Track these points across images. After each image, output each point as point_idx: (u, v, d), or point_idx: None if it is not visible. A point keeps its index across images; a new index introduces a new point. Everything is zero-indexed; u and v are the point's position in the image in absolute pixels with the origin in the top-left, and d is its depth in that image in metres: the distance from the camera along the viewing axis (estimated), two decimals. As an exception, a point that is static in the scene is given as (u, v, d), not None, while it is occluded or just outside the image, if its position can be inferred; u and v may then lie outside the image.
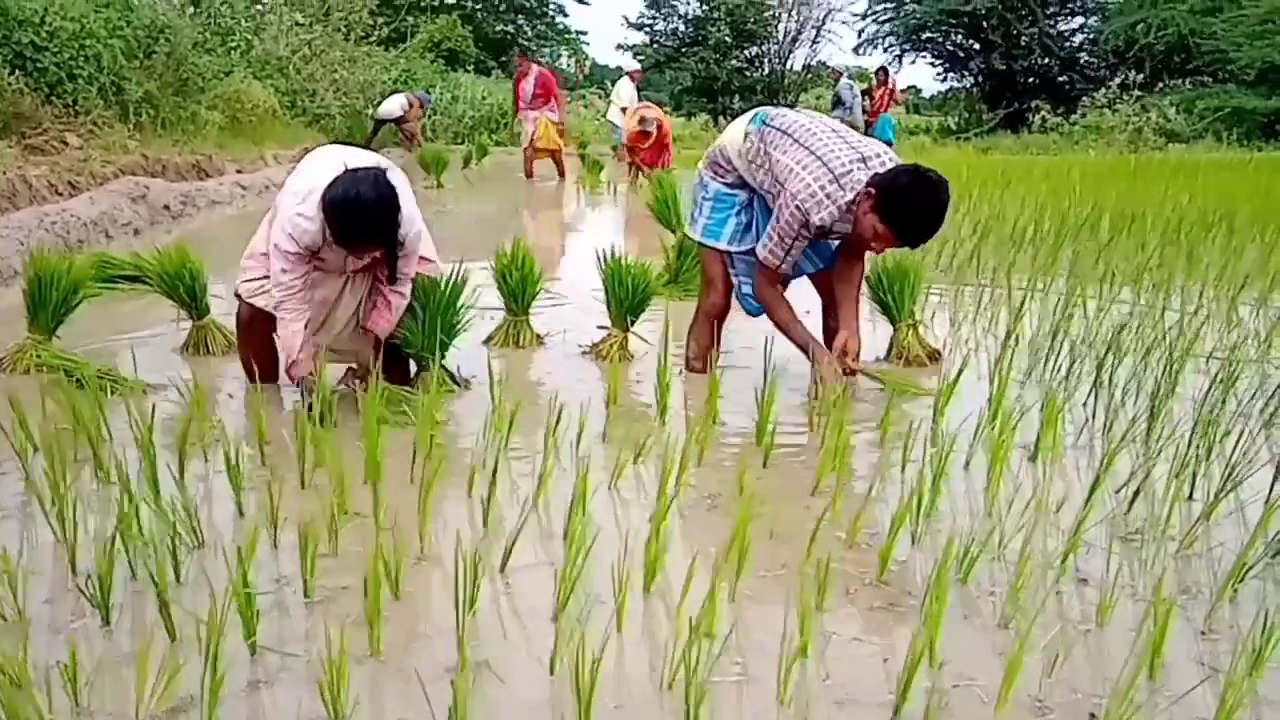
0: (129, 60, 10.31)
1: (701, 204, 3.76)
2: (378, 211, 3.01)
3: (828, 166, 3.29)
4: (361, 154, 3.35)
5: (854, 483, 2.62)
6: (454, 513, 2.49)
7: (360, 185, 3.00)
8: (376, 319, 3.37)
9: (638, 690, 1.74)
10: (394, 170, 3.16)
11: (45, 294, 3.67)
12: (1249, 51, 24.82)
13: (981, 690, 1.74)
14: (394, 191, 3.04)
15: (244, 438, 2.92)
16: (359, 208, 2.99)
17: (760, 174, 3.51)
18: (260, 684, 1.74)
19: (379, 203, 3.00)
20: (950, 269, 5.84)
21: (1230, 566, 2.12)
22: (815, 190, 3.27)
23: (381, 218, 3.03)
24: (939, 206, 3.17)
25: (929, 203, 3.15)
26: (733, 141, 3.62)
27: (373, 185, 3.00)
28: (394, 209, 3.04)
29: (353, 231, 3.03)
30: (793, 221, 3.32)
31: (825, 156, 3.31)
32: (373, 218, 3.02)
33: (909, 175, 3.18)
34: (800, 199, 3.28)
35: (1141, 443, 2.95)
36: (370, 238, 3.08)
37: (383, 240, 3.11)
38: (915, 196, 3.15)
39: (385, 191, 3.01)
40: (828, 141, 3.37)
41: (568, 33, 40.07)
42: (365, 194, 2.98)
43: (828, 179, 3.27)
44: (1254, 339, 4.22)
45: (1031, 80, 32.82)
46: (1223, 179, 10.86)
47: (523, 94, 13.36)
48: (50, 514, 2.22)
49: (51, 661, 1.75)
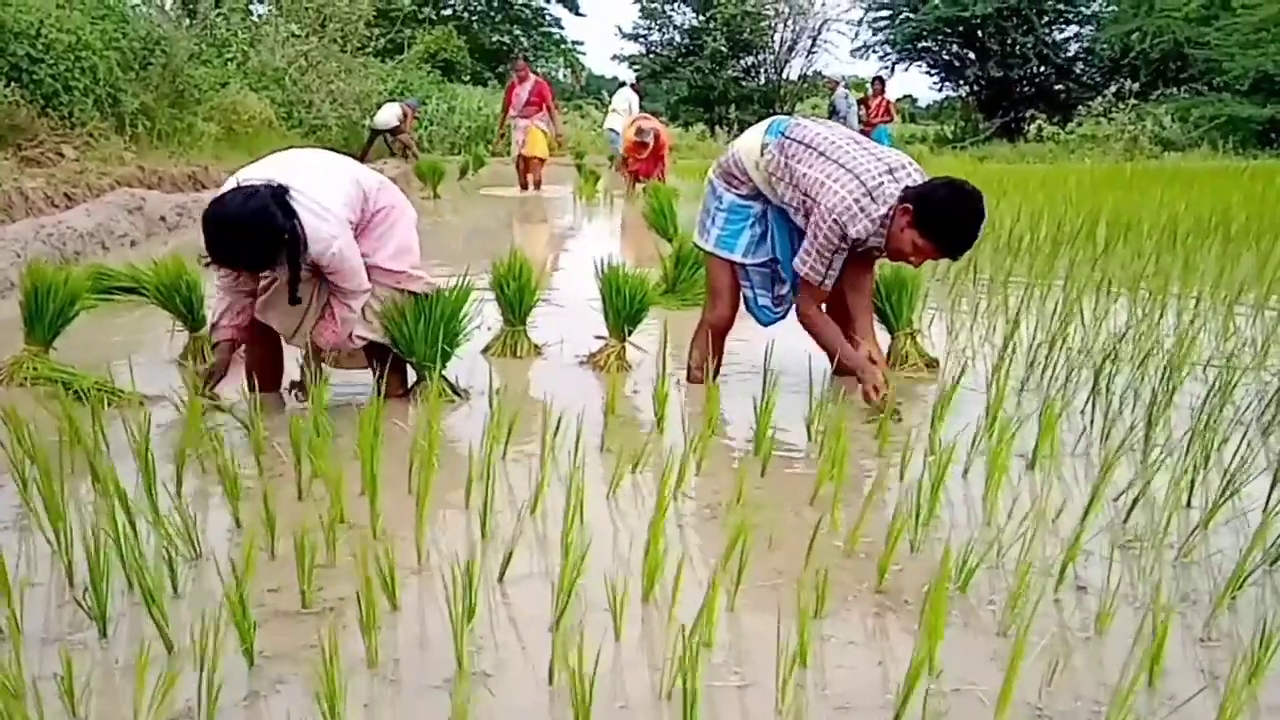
0: (125, 72, 10.33)
1: (715, 214, 3.71)
2: (236, 232, 2.97)
3: (859, 179, 3.29)
4: (303, 160, 3.31)
5: (852, 491, 2.61)
6: (451, 523, 2.48)
7: (230, 204, 2.97)
8: (321, 329, 3.33)
9: (636, 700, 1.74)
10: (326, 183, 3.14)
11: (42, 306, 3.66)
12: (1243, 60, 24.91)
13: (981, 698, 1.74)
14: (262, 215, 2.95)
15: (241, 448, 2.91)
16: (219, 227, 2.96)
17: (782, 187, 3.48)
18: (258, 695, 1.73)
19: (238, 224, 2.95)
20: (947, 277, 5.85)
21: (1229, 574, 2.12)
22: (850, 204, 3.27)
23: (239, 239, 2.98)
24: (978, 217, 3.22)
25: (968, 214, 3.21)
26: (748, 153, 3.59)
27: (241, 205, 2.96)
28: (254, 233, 2.96)
29: (216, 249, 3.01)
30: (832, 236, 3.32)
31: (855, 169, 3.32)
32: (232, 238, 2.98)
33: (945, 189, 3.23)
34: (836, 213, 3.28)
35: (1140, 451, 2.95)
36: (232, 258, 3.05)
37: (249, 262, 3.07)
38: (954, 210, 3.20)
39: (249, 214, 2.95)
40: (853, 153, 3.37)
41: (564, 43, 40.18)
42: (228, 214, 2.96)
43: (861, 192, 3.28)
44: (1251, 346, 4.22)
45: (1027, 89, 32.93)
46: (1218, 187, 10.89)
47: (515, 99, 13.10)
48: (47, 526, 2.21)
49: (48, 673, 1.74)
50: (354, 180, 3.28)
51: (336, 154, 3.51)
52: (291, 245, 3.04)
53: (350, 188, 3.23)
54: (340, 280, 3.22)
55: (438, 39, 27.23)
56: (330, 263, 3.14)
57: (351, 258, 3.19)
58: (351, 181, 3.26)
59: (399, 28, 24.90)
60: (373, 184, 3.34)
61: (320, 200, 3.10)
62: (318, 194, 3.11)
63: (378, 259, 3.32)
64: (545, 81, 13.61)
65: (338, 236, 3.11)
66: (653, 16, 37.27)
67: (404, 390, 3.54)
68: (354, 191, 3.24)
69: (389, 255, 3.35)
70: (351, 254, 3.19)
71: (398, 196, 3.46)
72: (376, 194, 3.33)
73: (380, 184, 3.39)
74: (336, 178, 3.25)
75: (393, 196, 3.42)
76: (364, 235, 3.30)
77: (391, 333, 3.42)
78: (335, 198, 3.16)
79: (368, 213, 3.30)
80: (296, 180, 3.11)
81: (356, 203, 3.24)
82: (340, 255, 3.14)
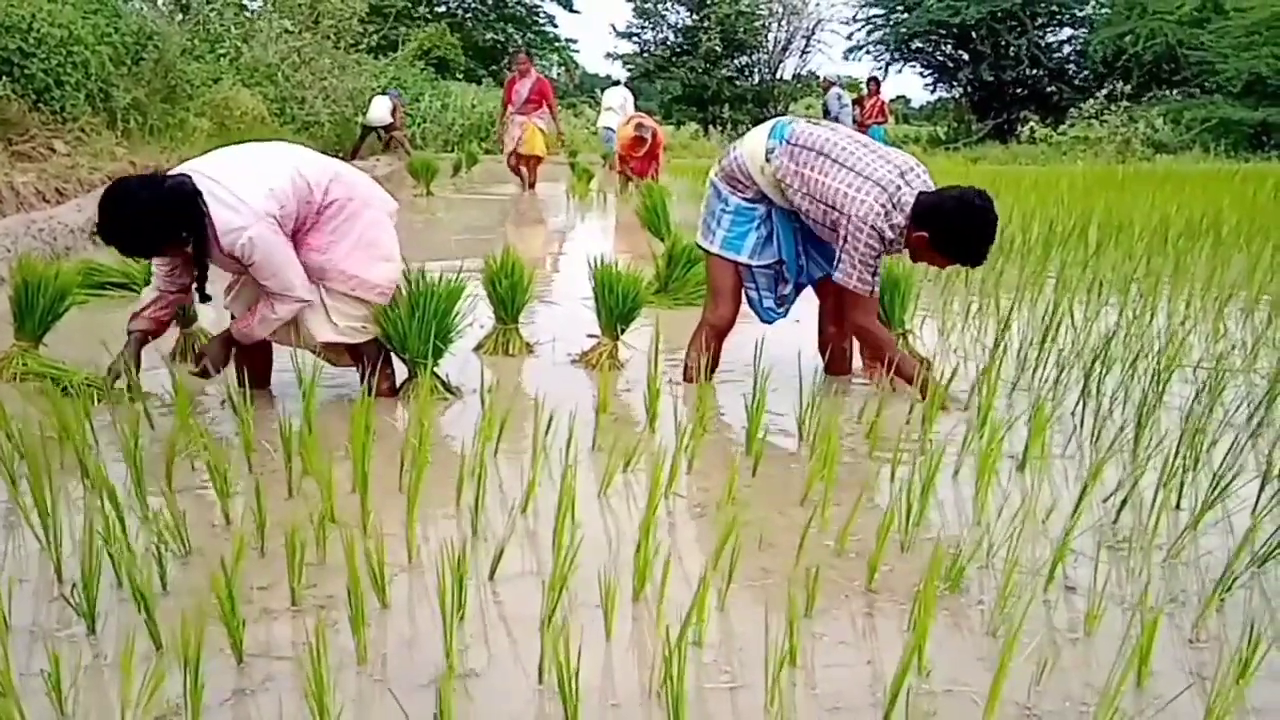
0: (117, 67, 10.29)
1: (720, 216, 3.71)
2: (122, 215, 2.97)
3: (882, 187, 3.35)
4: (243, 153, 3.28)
5: (843, 491, 2.61)
6: (442, 521, 2.48)
7: (123, 188, 2.99)
8: (242, 319, 3.31)
9: (626, 698, 1.74)
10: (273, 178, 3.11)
11: (32, 301, 3.65)
12: (1236, 63, 25.00)
13: (970, 698, 1.74)
14: (150, 203, 2.95)
15: (231, 445, 2.91)
16: (108, 208, 2.97)
17: (797, 197, 3.50)
18: (246, 692, 1.73)
19: (124, 208, 2.96)
20: (939, 278, 5.85)
21: (1217, 575, 2.13)
22: (879, 210, 3.34)
23: (124, 222, 2.98)
24: (990, 228, 3.33)
25: (981, 230, 3.31)
26: (752, 157, 3.59)
27: (135, 190, 2.97)
28: (139, 218, 2.96)
29: (102, 229, 3.03)
30: (872, 243, 3.37)
31: (874, 176, 3.37)
32: (117, 220, 2.99)
33: (953, 206, 3.30)
34: (870, 220, 3.33)
35: (1129, 452, 2.96)
36: (117, 240, 3.05)
37: (132, 245, 3.09)
38: (967, 230, 3.31)
39: (137, 201, 2.95)
40: (867, 159, 3.42)
41: (557, 41, 40.15)
42: (117, 197, 2.97)
43: (885, 198, 3.35)
44: (1240, 349, 4.23)
45: (1020, 91, 33.01)
46: (1209, 189, 10.92)
47: (515, 96, 12.81)
48: (36, 522, 2.21)
49: (35, 670, 1.73)
50: (294, 173, 3.17)
51: (295, 148, 3.42)
52: (196, 241, 3.04)
53: (283, 181, 3.14)
54: (259, 275, 3.14)
55: (431, 36, 27.17)
56: (243, 254, 3.06)
57: (269, 252, 3.09)
58: (289, 175, 3.16)
59: (392, 24, 24.88)
60: (322, 176, 3.24)
61: (236, 192, 3.04)
62: (236, 185, 3.05)
63: (332, 254, 3.24)
64: (546, 80, 13.44)
65: (248, 228, 3.03)
66: (647, 15, 37.24)
67: (392, 387, 3.53)
68: (286, 185, 3.13)
69: (344, 252, 3.26)
70: (268, 248, 3.08)
71: (359, 190, 3.36)
72: (327, 185, 3.23)
73: (334, 176, 3.28)
74: (268, 170, 3.16)
75: (349, 189, 3.31)
76: (315, 230, 3.23)
77: (384, 328, 3.40)
78: (256, 190, 3.07)
79: (314, 205, 3.20)
80: (220, 172, 3.08)
81: (290, 196, 3.13)
82: (251, 247, 3.04)
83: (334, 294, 3.30)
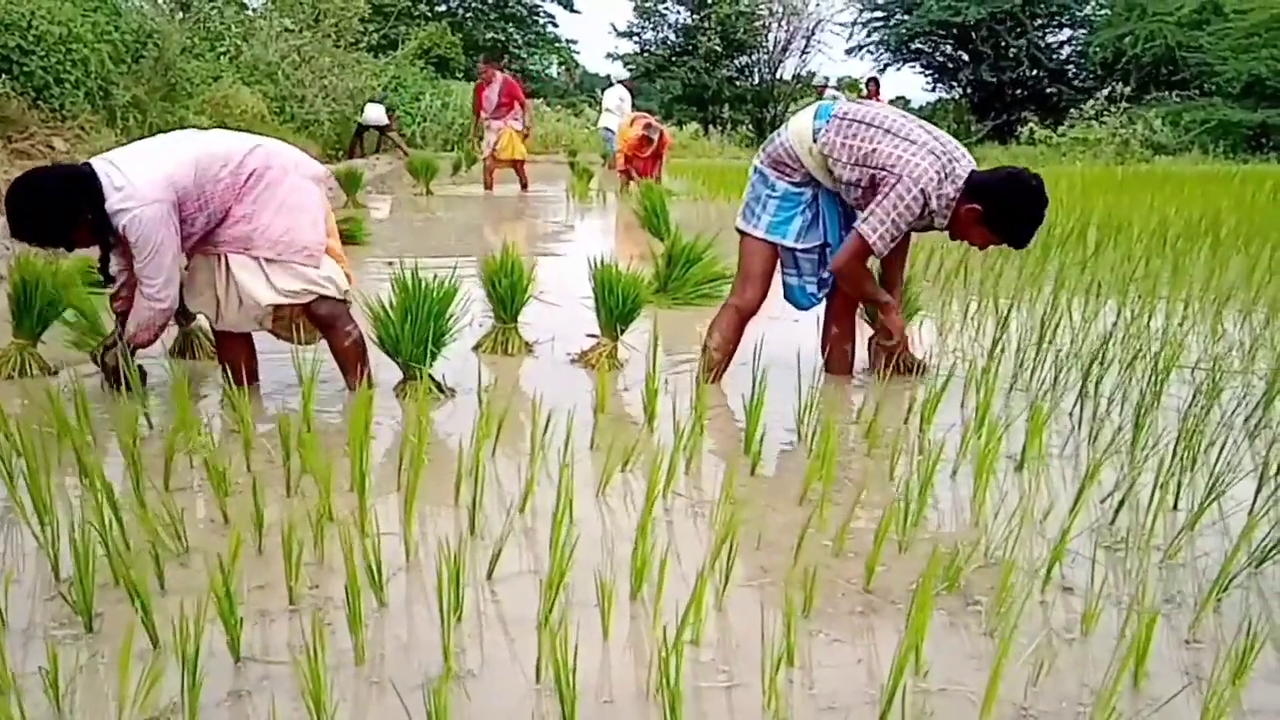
0: (116, 65, 10.29)
1: (766, 201, 3.74)
2: (24, 209, 3.11)
3: (936, 155, 3.43)
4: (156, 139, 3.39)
5: (841, 491, 2.62)
6: (440, 520, 2.48)
7: (22, 183, 3.11)
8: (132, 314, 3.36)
9: (623, 698, 1.74)
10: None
11: (30, 299, 3.66)
12: (1235, 65, 25.03)
13: (967, 697, 1.74)
14: (45, 194, 3.08)
15: (229, 443, 2.91)
16: (11, 203, 3.09)
17: (841, 169, 3.54)
18: (243, 692, 1.73)
19: (25, 202, 3.09)
20: (938, 278, 5.86)
21: (1214, 576, 2.13)
22: (933, 175, 3.40)
23: (27, 214, 3.12)
24: (1042, 208, 3.40)
25: (1034, 210, 3.39)
26: (800, 139, 3.63)
27: (34, 183, 3.11)
28: (39, 209, 3.09)
29: (12, 225, 3.15)
30: (914, 205, 3.42)
31: (927, 145, 3.46)
32: (21, 214, 3.12)
33: (1009, 185, 3.39)
34: (922, 184, 3.39)
35: (1126, 452, 2.96)
36: (25, 233, 3.17)
37: (40, 237, 3.18)
38: (1021, 208, 3.39)
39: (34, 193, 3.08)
40: (917, 131, 3.51)
41: (558, 41, 40.15)
42: (18, 191, 3.10)
43: (938, 167, 3.42)
44: (1238, 350, 4.24)
45: (1020, 92, 33.06)
46: (1208, 191, 10.92)
47: (486, 102, 12.86)
48: (33, 519, 2.21)
49: (32, 668, 1.73)
50: (196, 159, 3.25)
51: (207, 134, 3.47)
52: (97, 223, 3.15)
53: (183, 168, 3.21)
54: (136, 256, 3.21)
55: (431, 35, 27.17)
56: (128, 235, 3.16)
57: (148, 235, 3.15)
58: (191, 161, 3.24)
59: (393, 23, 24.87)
60: (235, 151, 3.33)
61: (128, 175, 3.14)
62: (130, 169, 3.16)
63: (256, 222, 3.31)
64: (513, 79, 13.34)
65: (130, 209, 3.12)
66: (647, 15, 37.27)
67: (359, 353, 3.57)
68: (187, 171, 3.21)
69: (268, 219, 3.33)
70: (148, 231, 3.14)
71: (279, 159, 3.42)
72: (242, 159, 3.31)
73: (253, 147, 3.37)
74: (169, 158, 3.24)
75: (267, 158, 3.38)
76: (239, 201, 3.31)
77: (377, 331, 3.42)
78: (149, 172, 3.17)
79: (231, 181, 3.28)
80: (120, 159, 3.20)
81: (190, 177, 3.21)
82: (133, 227, 3.13)
83: (267, 261, 3.36)
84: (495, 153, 12.91)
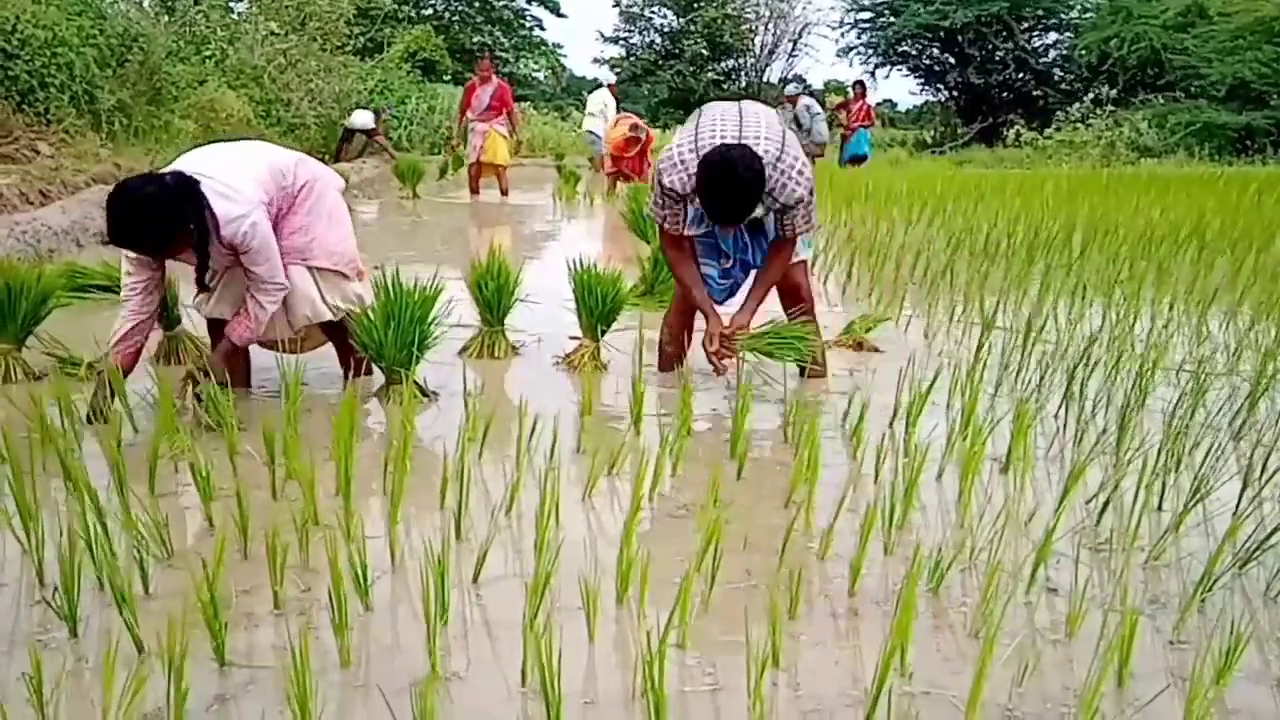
0: (102, 69, 10.26)
1: None
2: (132, 214, 3.00)
3: (696, 137, 3.49)
4: (218, 150, 3.35)
5: (826, 493, 2.62)
6: (426, 523, 2.48)
7: (129, 188, 3.03)
8: (234, 325, 3.32)
9: (608, 701, 1.74)
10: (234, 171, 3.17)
11: (14, 303, 3.64)
12: (1220, 67, 25.15)
13: (951, 699, 1.75)
14: (157, 199, 2.99)
15: (214, 448, 2.90)
16: (117, 208, 3.00)
17: None
18: (228, 697, 1.72)
19: (133, 207, 3.00)
20: (924, 281, 5.88)
21: (1198, 577, 2.14)
22: (673, 155, 3.52)
23: (134, 220, 3.01)
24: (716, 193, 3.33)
25: (708, 192, 3.35)
26: None
27: (139, 188, 3.01)
28: (148, 215, 3.00)
29: (114, 230, 3.05)
30: (659, 187, 3.56)
31: (702, 130, 3.52)
32: (127, 219, 3.01)
33: (699, 168, 3.37)
34: (660, 161, 3.55)
35: (1111, 454, 2.97)
36: (129, 239, 3.07)
37: (143, 243, 3.09)
38: (705, 176, 3.35)
39: (145, 197, 2.99)
40: (718, 124, 3.54)
41: (544, 45, 40.12)
42: (126, 196, 3.00)
43: (688, 147, 3.48)
44: (1223, 351, 4.26)
45: (1006, 95, 33.16)
46: (1193, 193, 10.97)
47: (476, 102, 12.62)
48: (18, 525, 2.20)
49: (16, 674, 1.73)
50: (268, 163, 3.32)
51: (260, 143, 3.55)
52: (199, 232, 3.08)
53: (262, 172, 3.27)
54: (252, 263, 3.20)
55: (418, 39, 27.14)
56: (244, 242, 3.14)
57: (266, 238, 3.19)
58: (265, 165, 3.31)
59: (379, 26, 24.83)
60: (289, 162, 3.39)
61: (228, 182, 3.14)
62: (227, 177, 3.15)
63: (313, 233, 3.38)
64: (507, 85, 13.26)
65: (247, 215, 3.13)
66: (633, 20, 37.33)
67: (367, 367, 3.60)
68: (265, 175, 3.27)
69: (322, 229, 3.40)
70: (265, 234, 3.19)
71: (319, 171, 3.51)
72: (295, 170, 3.38)
73: (298, 160, 3.45)
74: (248, 161, 3.30)
75: (312, 172, 3.46)
76: (293, 212, 3.36)
77: (360, 337, 3.42)
78: (245, 178, 3.20)
79: (291, 190, 3.35)
80: (208, 168, 3.16)
81: (271, 182, 3.27)
82: (251, 234, 3.14)
83: (320, 271, 3.41)
84: (480, 157, 12.79)
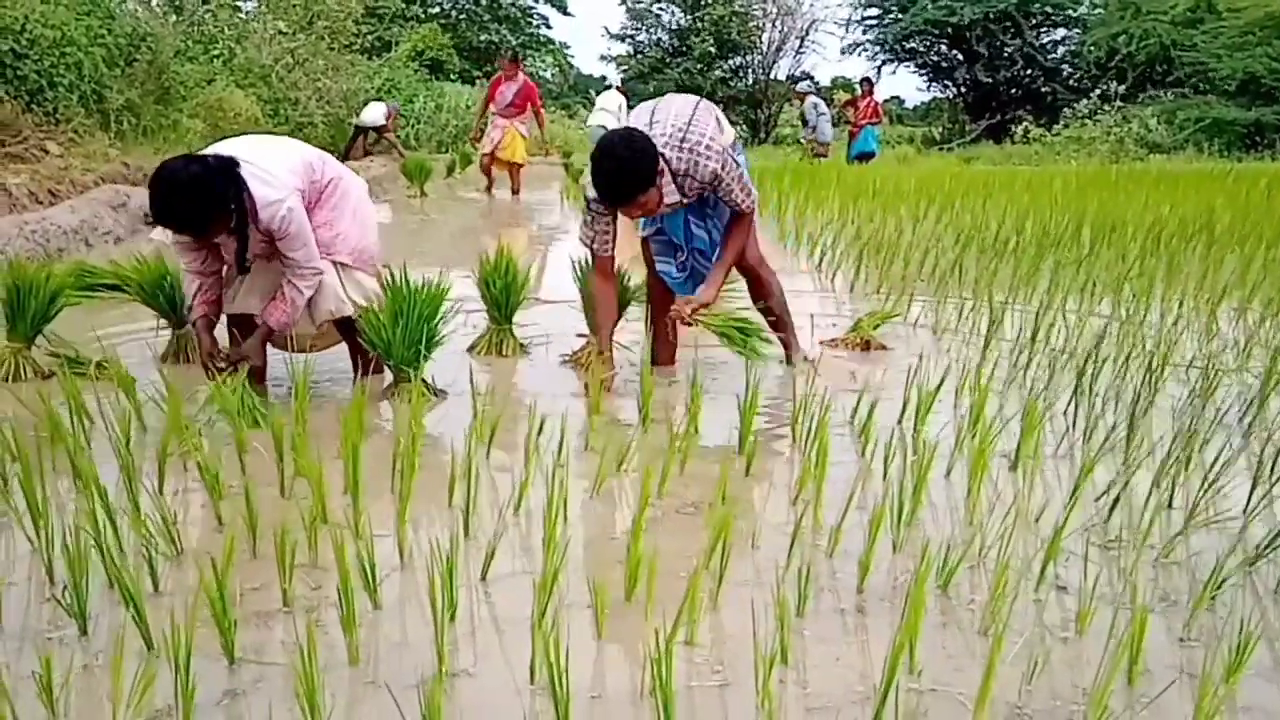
0: (110, 68, 10.28)
1: None
2: (175, 193, 3.02)
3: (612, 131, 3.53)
4: (252, 139, 3.39)
5: (835, 491, 2.62)
6: (434, 521, 2.48)
7: (172, 168, 3.05)
8: (271, 310, 3.35)
9: (617, 698, 1.74)
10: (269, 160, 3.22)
11: (24, 302, 3.65)
12: (1229, 63, 25.04)
13: (959, 697, 1.74)
14: (200, 180, 3.02)
15: (224, 446, 2.90)
16: (161, 187, 3.03)
17: None
18: (238, 694, 1.73)
19: (176, 186, 3.02)
20: (932, 278, 5.86)
21: (1208, 575, 2.13)
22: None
23: (177, 200, 3.03)
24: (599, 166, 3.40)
25: (593, 164, 3.42)
26: None
27: (182, 169, 3.04)
28: (191, 195, 3.02)
29: (157, 209, 3.07)
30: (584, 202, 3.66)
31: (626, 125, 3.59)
32: (170, 198, 3.03)
33: (601, 140, 3.45)
34: (584, 178, 3.63)
35: (1121, 451, 2.96)
36: (172, 218, 3.09)
37: (186, 223, 3.11)
38: (592, 161, 3.43)
39: (188, 177, 3.02)
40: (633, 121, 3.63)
41: (551, 43, 40.12)
42: (168, 176, 3.03)
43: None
44: (1233, 348, 4.24)
45: (1014, 91, 33.08)
46: (1203, 189, 10.93)
47: (499, 97, 12.43)
48: (27, 523, 2.20)
49: (27, 671, 1.73)
50: (300, 155, 3.39)
51: (284, 137, 3.61)
52: (239, 214, 3.12)
53: (296, 162, 3.33)
54: (289, 248, 3.25)
55: (425, 37, 27.17)
56: (281, 227, 3.19)
57: (303, 223, 3.25)
58: (298, 155, 3.38)
59: (386, 25, 24.85)
60: (317, 157, 3.44)
61: (268, 168, 3.18)
62: (265, 163, 3.20)
63: (338, 229, 3.43)
64: (534, 85, 13.18)
65: (285, 200, 3.18)
66: (640, 17, 37.28)
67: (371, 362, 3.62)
68: (299, 165, 3.32)
69: (347, 225, 3.46)
70: (302, 219, 3.25)
71: (343, 169, 3.58)
72: (323, 166, 3.43)
73: (323, 157, 3.49)
74: (283, 151, 3.37)
75: (337, 169, 3.52)
76: (319, 207, 3.40)
77: (369, 335, 3.43)
78: (281, 165, 3.25)
79: (319, 185, 3.39)
80: (246, 153, 3.20)
81: (303, 173, 3.32)
82: (289, 219, 3.19)
83: (344, 267, 3.47)
84: (496, 151, 12.69)
